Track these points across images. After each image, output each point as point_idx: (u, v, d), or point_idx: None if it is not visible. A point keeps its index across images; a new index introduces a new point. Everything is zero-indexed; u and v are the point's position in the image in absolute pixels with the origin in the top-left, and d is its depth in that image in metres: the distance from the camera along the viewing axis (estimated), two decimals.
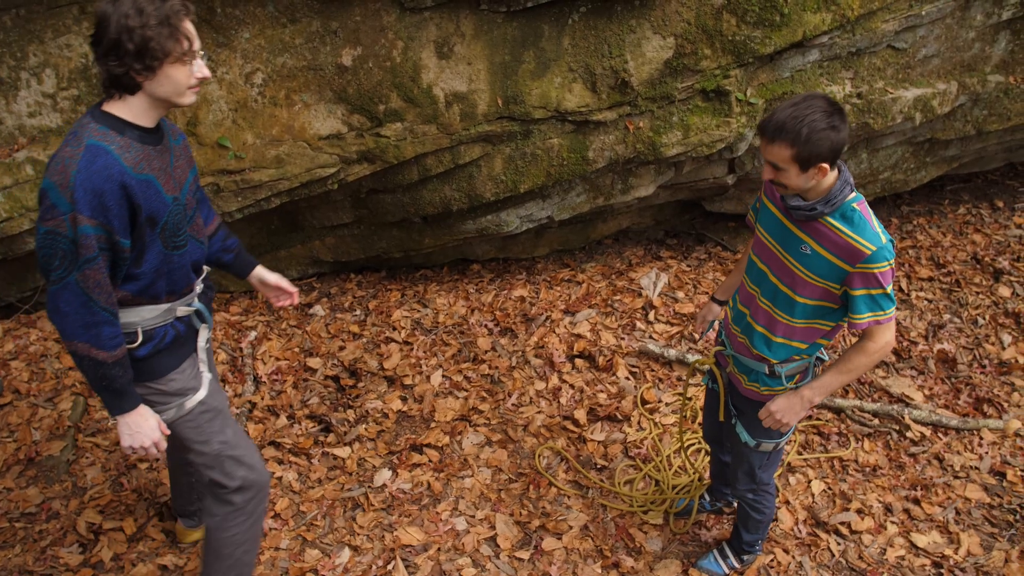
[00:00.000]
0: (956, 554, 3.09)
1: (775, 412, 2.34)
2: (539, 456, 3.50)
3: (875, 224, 2.09)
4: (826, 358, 2.46)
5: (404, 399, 3.80)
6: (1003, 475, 3.47)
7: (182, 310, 2.20)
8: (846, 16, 3.85)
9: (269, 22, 3.56)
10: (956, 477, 3.46)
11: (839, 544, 3.14)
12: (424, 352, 4.09)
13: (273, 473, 3.37)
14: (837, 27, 3.89)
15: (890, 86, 4.28)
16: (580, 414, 3.70)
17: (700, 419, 3.66)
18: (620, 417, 3.71)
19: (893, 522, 3.24)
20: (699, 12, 3.73)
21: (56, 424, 3.45)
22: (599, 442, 3.58)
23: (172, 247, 2.08)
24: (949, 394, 3.94)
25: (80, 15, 3.38)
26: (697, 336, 4.25)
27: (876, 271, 2.06)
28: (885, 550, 3.12)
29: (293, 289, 2.57)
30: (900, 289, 4.69)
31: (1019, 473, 3.47)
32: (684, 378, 3.97)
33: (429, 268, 4.94)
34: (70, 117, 3.51)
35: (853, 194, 2.12)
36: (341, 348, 4.10)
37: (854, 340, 2.81)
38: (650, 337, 4.26)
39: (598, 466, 3.47)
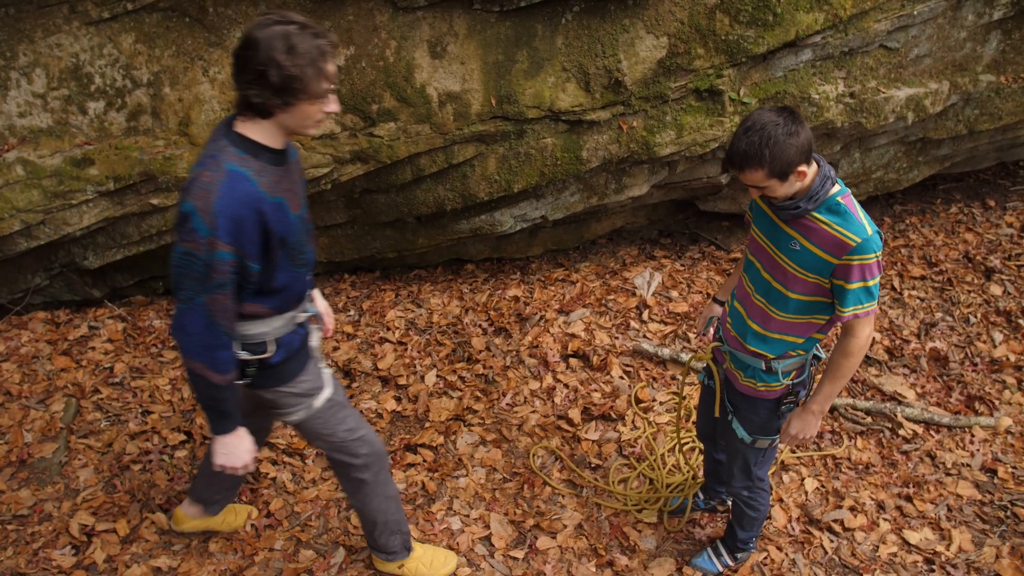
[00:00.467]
0: (948, 550, 3.11)
1: (796, 434, 2.40)
2: (533, 455, 3.50)
3: (861, 216, 2.10)
4: (823, 355, 2.47)
5: (398, 399, 3.80)
6: (994, 472, 3.49)
7: (300, 316, 2.30)
8: (839, 16, 3.87)
9: None
10: (948, 474, 3.48)
11: (832, 541, 3.16)
12: (418, 352, 4.09)
13: (267, 474, 3.37)
14: (830, 27, 3.90)
15: (883, 85, 4.30)
16: (574, 413, 3.70)
17: (694, 418, 3.67)
18: (614, 416, 3.72)
19: (886, 519, 3.25)
20: (692, 12, 3.74)
21: (48, 426, 3.44)
22: (593, 441, 3.59)
23: (299, 264, 2.16)
24: (941, 392, 3.96)
25: (71, 14, 3.36)
26: (693, 335, 4.26)
27: (863, 263, 2.08)
28: (878, 547, 3.14)
29: (331, 326, 2.65)
30: (892, 287, 4.71)
31: (1010, 470, 3.49)
32: (679, 377, 3.98)
33: (423, 268, 4.94)
34: (61, 117, 3.50)
35: (837, 187, 2.14)
36: (335, 348, 4.09)
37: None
38: (644, 336, 4.27)
39: (592, 465, 3.48)
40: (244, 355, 2.15)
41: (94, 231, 3.76)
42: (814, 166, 2.11)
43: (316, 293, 2.63)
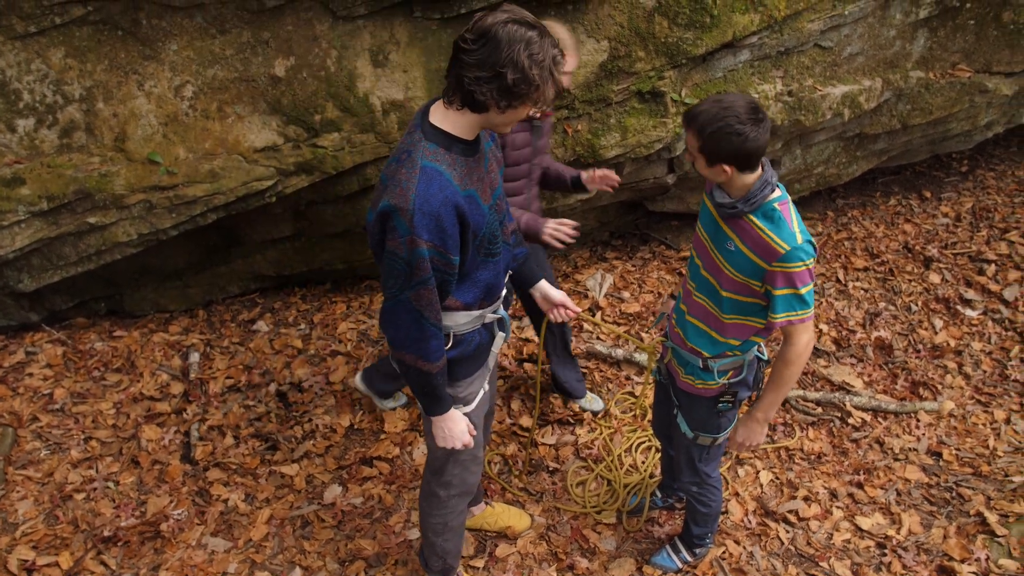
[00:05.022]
0: (898, 534, 3.19)
1: (743, 442, 2.43)
2: (490, 462, 3.48)
3: (794, 224, 2.12)
4: (765, 355, 2.50)
5: (352, 412, 3.74)
6: (939, 455, 3.59)
7: (489, 317, 2.25)
8: (773, 17, 3.95)
9: (198, 33, 3.48)
10: (896, 459, 3.57)
11: (788, 532, 3.21)
12: (371, 364, 4.03)
13: (219, 496, 3.28)
14: (765, 27, 3.98)
15: (819, 84, 4.41)
16: (529, 419, 3.70)
17: (650, 416, 3.70)
18: (571, 420, 3.72)
19: (838, 507, 3.32)
20: (631, 15, 3.78)
21: None
22: (550, 445, 3.58)
23: (487, 254, 2.11)
24: (887, 379, 4.07)
25: None
26: (646, 334, 4.29)
27: (791, 271, 2.10)
28: (832, 535, 3.20)
29: (576, 308, 2.59)
30: (837, 279, 4.83)
31: (954, 452, 3.59)
32: (633, 377, 4.01)
33: (374, 279, 4.88)
34: None
35: (776, 193, 2.16)
36: (286, 364, 4.02)
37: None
38: (597, 338, 4.29)
39: (550, 469, 3.48)
40: None
41: (28, 252, 3.62)
42: (757, 172, 2.13)
43: (545, 284, 2.58)
